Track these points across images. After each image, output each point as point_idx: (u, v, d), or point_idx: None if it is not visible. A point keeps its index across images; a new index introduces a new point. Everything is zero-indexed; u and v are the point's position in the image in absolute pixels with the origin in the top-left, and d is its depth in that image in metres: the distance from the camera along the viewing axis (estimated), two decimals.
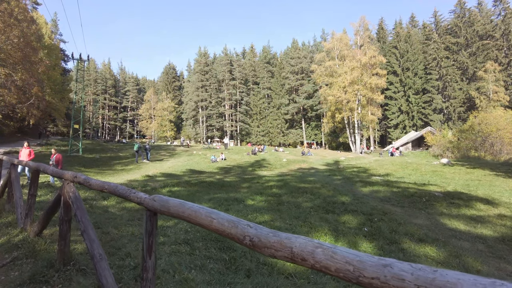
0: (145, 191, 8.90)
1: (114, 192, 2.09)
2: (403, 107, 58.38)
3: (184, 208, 1.69)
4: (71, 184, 2.80)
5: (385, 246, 4.39)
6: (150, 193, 8.78)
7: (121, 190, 2.07)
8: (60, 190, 2.92)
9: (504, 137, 31.47)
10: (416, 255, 4.13)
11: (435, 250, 4.32)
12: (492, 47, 53.82)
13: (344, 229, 5.25)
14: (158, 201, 1.88)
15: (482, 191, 11.13)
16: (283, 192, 9.54)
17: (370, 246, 4.39)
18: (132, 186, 9.57)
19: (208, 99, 72.22)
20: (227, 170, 19.41)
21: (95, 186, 2.32)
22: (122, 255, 3.48)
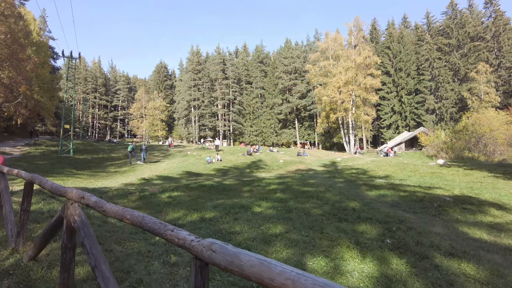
0: (143, 197, 8.41)
1: (141, 225, 1.64)
2: (396, 107, 58.68)
3: (273, 273, 1.09)
4: (76, 205, 2.33)
5: (417, 263, 4.02)
6: (150, 199, 8.30)
7: (151, 223, 1.61)
8: (62, 211, 2.45)
9: (497, 138, 31.68)
10: (454, 273, 3.77)
11: (472, 267, 3.95)
12: (483, 49, 54.42)
13: (366, 242, 4.87)
14: (220, 253, 1.36)
15: (488, 195, 10.91)
16: (287, 197, 9.14)
17: (401, 262, 4.01)
18: (129, 191, 9.06)
19: (201, 99, 71.50)
20: (225, 172, 18.94)
21: (111, 213, 1.85)
22: (133, 282, 3.02)
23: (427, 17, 68.41)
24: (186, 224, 5.63)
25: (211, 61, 77.21)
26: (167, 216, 6.19)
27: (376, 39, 69.93)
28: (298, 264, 3.74)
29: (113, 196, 8.31)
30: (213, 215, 6.27)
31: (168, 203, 7.76)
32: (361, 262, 3.93)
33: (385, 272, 3.68)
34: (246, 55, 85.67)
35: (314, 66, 49.43)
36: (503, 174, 17.90)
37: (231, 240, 4.61)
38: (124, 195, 8.51)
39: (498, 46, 55.70)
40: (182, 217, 6.15)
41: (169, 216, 6.20)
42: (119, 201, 7.75)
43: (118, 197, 8.23)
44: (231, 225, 5.48)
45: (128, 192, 9.03)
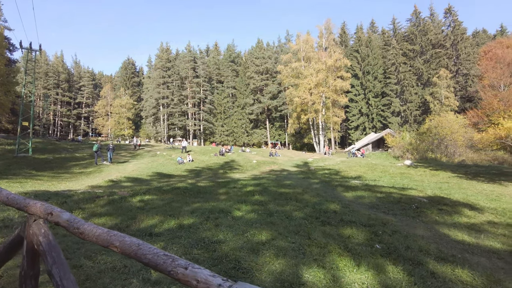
0: (113, 201, 7.77)
1: (136, 256, 1.21)
2: (363, 109, 60.44)
3: None
4: (41, 222, 1.85)
5: (413, 270, 3.87)
6: (120, 204, 7.67)
7: (151, 255, 1.18)
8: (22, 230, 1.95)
9: (457, 140, 33.43)
10: (451, 281, 3.65)
11: (468, 274, 3.86)
12: (443, 56, 57.45)
13: (355, 248, 4.68)
14: None
15: (458, 195, 11.28)
16: (266, 199, 8.87)
17: (397, 270, 3.84)
18: (97, 195, 8.36)
19: (170, 97, 69.71)
20: (197, 173, 18.36)
21: (92, 237, 1.41)
22: None
23: (393, 23, 71.21)
24: (163, 232, 5.16)
25: (181, 59, 75.46)
26: (141, 224, 5.67)
27: (345, 43, 71.68)
28: (294, 277, 3.44)
29: (79, 201, 7.60)
30: (192, 221, 5.84)
31: (140, 208, 7.20)
32: (357, 272, 3.71)
33: (385, 283, 3.48)
34: (218, 54, 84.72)
35: (286, 67, 49.73)
36: (465, 174, 18.83)
37: (216, 250, 4.23)
38: (91, 199, 7.81)
39: (457, 54, 59.10)
40: (158, 224, 5.66)
41: (143, 224, 5.68)
42: (86, 206, 7.08)
43: (84, 202, 7.54)
44: (214, 233, 5.09)
45: (96, 195, 8.33)
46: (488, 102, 44.17)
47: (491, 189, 13.33)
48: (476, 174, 18.47)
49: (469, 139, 34.74)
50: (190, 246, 4.39)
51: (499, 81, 44.92)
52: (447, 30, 61.81)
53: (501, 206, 9.18)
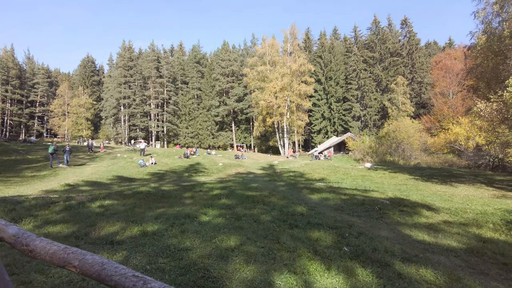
0: (70, 207, 7.23)
1: (99, 278, 1.01)
2: (326, 113, 62.21)
3: None
4: None
5: (381, 272, 3.94)
6: (78, 210, 7.15)
7: (117, 275, 0.96)
8: None
9: (413, 144, 35.36)
10: (417, 281, 3.77)
11: (431, 273, 4.01)
12: (400, 64, 60.80)
13: (324, 251, 4.70)
14: None
15: (416, 196, 11.86)
16: (233, 202, 8.73)
17: (366, 273, 3.89)
18: (52, 200, 7.74)
19: (132, 97, 67.33)
20: (161, 176, 17.77)
21: (45, 255, 1.16)
22: None
23: (355, 31, 74.23)
24: (125, 240, 4.85)
25: (145, 58, 73.16)
26: (101, 231, 5.29)
27: (309, 48, 73.52)
28: (266, 285, 3.35)
29: (31, 207, 6.98)
30: (157, 228, 5.56)
31: (100, 214, 6.76)
32: (328, 276, 3.70)
33: (356, 286, 3.50)
34: (182, 54, 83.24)
35: (252, 70, 49.97)
36: (420, 176, 19.94)
37: (183, 258, 4.02)
38: (45, 205, 7.21)
39: (412, 63, 62.88)
40: (119, 231, 5.31)
41: (104, 231, 5.31)
42: (39, 213, 6.51)
43: (37, 208, 6.94)
44: (180, 240, 4.87)
45: (50, 201, 7.71)
46: (439, 109, 47.54)
47: (444, 190, 14.19)
48: (431, 176, 19.61)
49: (424, 143, 37.02)
50: (155, 254, 4.15)
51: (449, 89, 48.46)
52: (404, 40, 65.64)
53: (453, 206, 9.77)
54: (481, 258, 5.09)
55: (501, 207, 9.99)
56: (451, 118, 41.29)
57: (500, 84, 15.39)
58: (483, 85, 18.17)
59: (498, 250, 5.44)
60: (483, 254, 5.23)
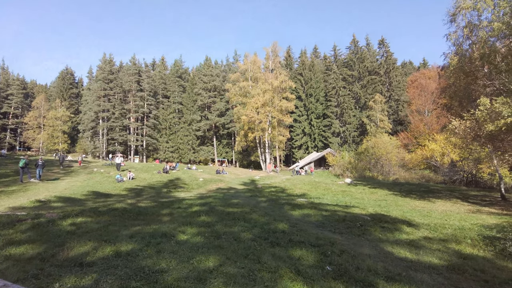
0: (38, 225, 6.78)
1: None
2: (306, 129, 62.99)
3: None
4: None
5: None
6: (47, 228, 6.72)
7: None
8: None
9: (391, 160, 36.12)
10: None
11: None
12: (378, 82, 62.78)
13: (307, 270, 4.56)
14: None
15: (396, 212, 11.97)
16: (213, 220, 8.48)
17: None
18: (18, 218, 7.26)
19: (111, 110, 66.03)
20: (138, 192, 17.21)
21: None
22: None
23: (334, 50, 76.47)
24: (97, 261, 4.53)
25: (125, 71, 72.29)
26: (71, 252, 4.94)
27: (290, 66, 74.86)
28: None
29: None
30: (131, 248, 5.26)
31: (71, 232, 6.36)
32: None
33: None
34: (164, 68, 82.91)
35: (234, 85, 50.25)
36: (399, 192, 20.26)
37: (158, 281, 3.77)
38: (9, 224, 6.73)
39: (389, 81, 65.09)
40: (91, 251, 4.98)
41: (74, 251, 4.96)
42: (1, 233, 6.05)
43: (0, 227, 6.47)
44: (155, 261, 4.60)
45: (17, 219, 7.22)
46: (416, 126, 49.11)
47: (423, 206, 14.43)
48: (409, 192, 19.97)
49: (401, 159, 37.91)
50: (128, 277, 3.88)
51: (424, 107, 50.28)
52: (381, 59, 68.08)
53: (432, 222, 9.89)
54: (463, 276, 5.08)
55: (477, 222, 10.20)
56: (427, 135, 42.62)
57: (472, 103, 16.04)
58: (456, 104, 18.90)
59: (478, 267, 5.46)
60: (464, 271, 5.23)
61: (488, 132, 13.22)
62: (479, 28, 15.58)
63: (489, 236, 7.86)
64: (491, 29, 14.51)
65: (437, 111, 45.53)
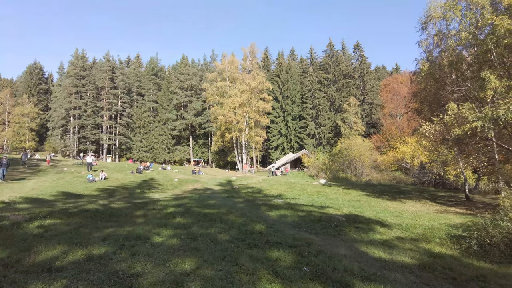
0: (1, 228, 6.40)
1: None
2: (282, 130, 63.54)
3: None
4: None
5: None
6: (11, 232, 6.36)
7: None
8: None
9: (364, 161, 37.07)
10: None
11: None
12: (352, 85, 64.33)
13: (284, 272, 4.57)
14: None
15: (369, 212, 12.28)
16: (189, 221, 8.36)
17: None
18: None
19: (83, 107, 63.70)
20: (111, 192, 16.70)
21: None
22: None
23: (310, 53, 77.65)
24: (67, 266, 4.32)
25: (99, 68, 69.93)
26: (38, 256, 4.68)
27: (267, 67, 75.21)
28: None
29: None
30: (104, 251, 5.07)
31: (39, 235, 6.06)
32: None
33: None
34: (139, 66, 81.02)
35: (211, 85, 49.89)
36: (372, 193, 20.83)
37: (133, 286, 3.65)
38: None
39: (363, 85, 66.87)
40: (60, 255, 4.75)
41: (41, 256, 4.71)
42: None
43: None
44: (130, 264, 4.45)
45: None
46: (388, 129, 50.77)
47: (395, 206, 14.91)
48: (382, 193, 20.57)
49: (374, 160, 39.02)
50: (100, 282, 3.73)
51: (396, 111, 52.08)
52: (356, 63, 69.80)
53: (404, 222, 10.23)
54: (433, 274, 5.28)
55: (445, 222, 10.66)
56: (398, 137, 44.14)
57: (441, 108, 16.76)
58: (426, 108, 19.71)
59: (446, 265, 5.70)
60: (434, 270, 5.44)
61: (455, 136, 13.85)
62: (448, 36, 16.33)
63: (455, 235, 8.22)
64: (459, 38, 15.25)
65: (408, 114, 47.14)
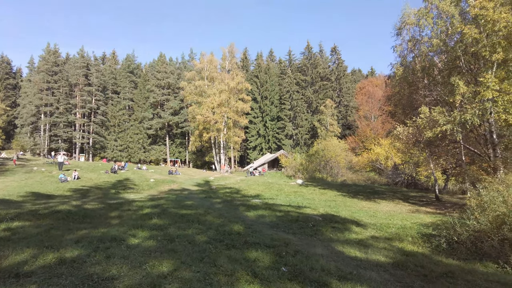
0: None
1: None
2: (261, 131, 63.78)
3: None
4: None
5: None
6: None
7: None
8: None
9: (340, 162, 37.85)
10: None
11: None
12: (329, 88, 65.55)
13: (263, 272, 4.59)
14: None
15: (345, 212, 12.55)
16: (166, 223, 8.24)
17: None
18: None
19: (55, 105, 61.20)
20: (84, 193, 16.16)
21: None
22: None
23: (289, 55, 78.41)
24: (36, 270, 4.14)
25: (72, 64, 67.40)
26: (5, 261, 4.45)
27: (246, 67, 75.19)
28: None
29: None
30: (77, 254, 4.90)
31: (5, 239, 5.77)
32: None
33: None
34: (115, 62, 78.85)
35: (190, 84, 49.27)
36: (347, 193, 21.29)
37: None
38: None
39: (340, 87, 68.24)
40: (29, 260, 4.54)
41: (8, 261, 4.48)
42: None
43: None
44: (105, 267, 4.33)
45: None
46: (363, 130, 52.14)
47: (369, 206, 15.32)
48: (356, 193, 21.07)
49: (349, 161, 39.95)
50: (73, 287, 3.61)
51: (371, 113, 53.57)
52: (333, 66, 71.15)
53: (378, 222, 10.54)
54: (406, 271, 5.48)
55: (416, 221, 11.06)
56: (373, 139, 45.37)
57: (414, 111, 17.41)
58: (400, 111, 20.39)
59: (418, 263, 5.93)
60: (406, 267, 5.64)
61: (427, 138, 14.42)
62: (421, 42, 16.99)
63: (426, 233, 8.57)
64: (431, 45, 15.90)
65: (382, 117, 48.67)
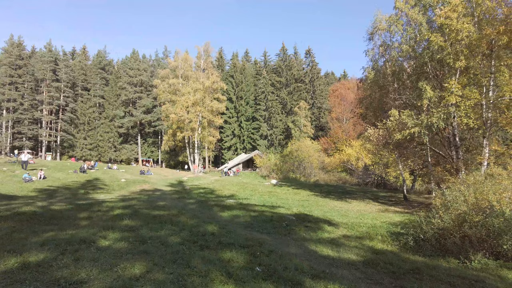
0: None
1: None
2: (236, 131, 63.77)
3: None
4: None
5: None
6: None
7: None
8: None
9: (313, 162, 38.54)
10: None
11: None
12: (303, 90, 66.61)
13: (237, 273, 4.60)
14: None
15: (317, 212, 12.81)
16: (138, 224, 8.05)
17: None
18: None
19: (19, 100, 58.07)
20: (51, 193, 15.43)
21: None
22: None
23: (264, 56, 78.88)
24: None
25: (39, 58, 64.07)
26: None
27: (221, 67, 74.85)
28: None
29: None
30: (43, 257, 4.68)
31: None
32: None
33: None
34: (85, 58, 75.84)
35: (163, 82, 48.30)
36: (320, 193, 21.72)
37: None
38: None
39: (313, 89, 69.52)
40: None
41: None
42: None
43: None
44: (73, 270, 4.16)
45: None
46: (335, 132, 53.36)
47: (341, 206, 15.70)
48: (329, 193, 21.54)
49: (322, 162, 40.74)
50: None
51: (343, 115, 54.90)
52: (307, 68, 72.35)
53: (350, 221, 10.83)
54: (376, 269, 5.67)
55: (386, 220, 11.48)
56: (344, 140, 46.54)
57: (384, 114, 18.04)
58: (371, 114, 21.07)
59: (387, 260, 6.16)
60: (376, 265, 5.84)
61: (396, 140, 14.99)
62: (392, 48, 17.66)
63: (395, 232, 8.91)
64: (401, 50, 16.57)
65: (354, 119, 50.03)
